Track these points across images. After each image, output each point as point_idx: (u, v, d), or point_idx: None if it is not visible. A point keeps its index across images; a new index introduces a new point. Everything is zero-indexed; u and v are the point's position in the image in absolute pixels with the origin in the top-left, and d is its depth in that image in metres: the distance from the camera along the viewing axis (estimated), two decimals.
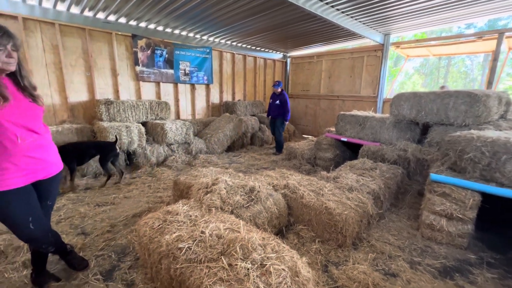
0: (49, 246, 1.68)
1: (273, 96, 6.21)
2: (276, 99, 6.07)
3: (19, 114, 1.48)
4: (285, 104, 5.91)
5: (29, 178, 1.55)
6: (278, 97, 6.03)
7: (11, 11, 4.26)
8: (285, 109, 5.93)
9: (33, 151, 1.54)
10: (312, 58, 8.42)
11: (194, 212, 2.06)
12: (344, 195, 2.58)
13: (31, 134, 1.53)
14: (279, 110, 6.00)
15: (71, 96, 5.03)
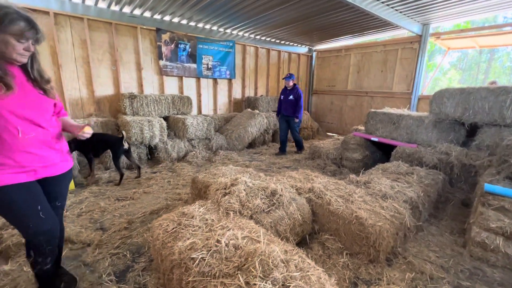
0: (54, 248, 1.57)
1: (284, 91, 5.55)
2: (288, 94, 5.41)
3: (24, 105, 1.39)
4: (299, 100, 5.28)
5: (31, 175, 1.45)
6: (291, 92, 5.38)
7: (44, 6, 4.39)
8: (298, 105, 5.30)
9: (36, 147, 1.43)
10: (340, 51, 7.95)
11: (210, 215, 1.91)
12: (377, 204, 2.29)
13: (35, 128, 1.42)
14: (293, 108, 5.35)
15: (98, 90, 5.13)
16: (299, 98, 5.29)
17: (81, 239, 2.30)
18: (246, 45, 7.11)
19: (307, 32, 6.67)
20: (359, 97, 7.62)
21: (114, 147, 3.71)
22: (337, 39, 7.50)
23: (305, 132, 7.39)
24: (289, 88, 5.42)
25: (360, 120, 7.40)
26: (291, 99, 5.37)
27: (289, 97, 5.39)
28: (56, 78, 4.68)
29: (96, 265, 2.02)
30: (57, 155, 1.55)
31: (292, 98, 5.36)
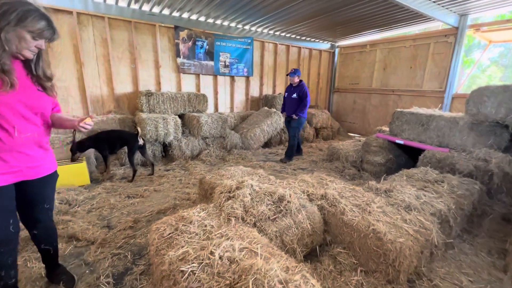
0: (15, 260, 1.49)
1: (288, 88, 5.00)
2: (292, 92, 4.86)
3: (22, 102, 1.34)
4: (304, 97, 4.70)
5: (17, 176, 1.39)
6: (296, 89, 4.81)
7: (69, 6, 4.54)
8: (302, 104, 4.72)
9: (29, 147, 1.39)
10: (365, 47, 7.48)
11: (211, 221, 1.78)
12: (399, 216, 2.02)
13: (31, 128, 1.38)
14: (297, 106, 4.79)
15: (117, 88, 5.25)
16: (304, 96, 4.71)
17: (86, 236, 2.29)
18: (264, 41, 6.93)
19: (330, 26, 6.33)
20: (385, 95, 7.12)
21: (129, 143, 3.75)
22: (361, 34, 7.06)
23: (325, 132, 7.07)
24: (294, 85, 4.86)
25: (385, 120, 6.92)
26: (295, 97, 4.81)
27: (293, 95, 4.84)
28: (78, 76, 4.84)
29: (97, 265, 1.98)
30: (45, 155, 1.50)
31: (296, 96, 4.79)
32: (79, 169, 3.50)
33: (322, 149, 5.93)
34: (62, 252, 2.10)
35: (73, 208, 2.85)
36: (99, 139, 3.59)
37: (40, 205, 1.55)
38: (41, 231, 1.62)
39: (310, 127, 6.66)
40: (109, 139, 3.65)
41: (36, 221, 1.58)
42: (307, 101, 4.71)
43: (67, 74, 4.76)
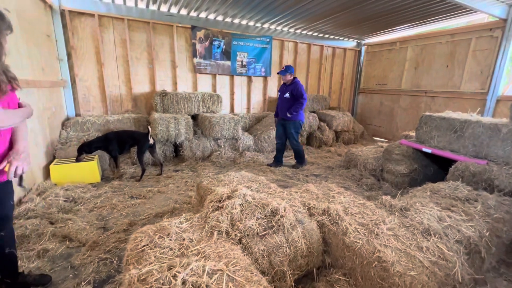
0: None
1: (281, 87, 4.45)
2: (285, 91, 4.27)
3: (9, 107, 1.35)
4: (299, 96, 4.11)
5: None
6: (288, 87, 4.23)
7: (92, 9, 4.72)
8: (298, 102, 4.13)
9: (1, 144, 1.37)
10: (394, 44, 6.89)
11: (191, 233, 1.63)
12: (414, 241, 1.70)
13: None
14: (290, 107, 4.22)
15: (135, 87, 5.37)
16: (299, 94, 4.13)
17: (79, 237, 2.28)
18: (284, 40, 6.68)
19: (356, 22, 5.90)
20: (416, 97, 6.48)
21: (139, 142, 3.78)
22: (391, 30, 6.49)
23: (346, 136, 6.62)
24: (288, 84, 4.31)
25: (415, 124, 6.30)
26: (287, 97, 4.23)
27: (285, 94, 4.26)
28: (99, 76, 5.03)
29: (82, 269, 1.94)
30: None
31: (288, 95, 4.22)
32: (90, 167, 3.58)
33: (342, 154, 5.54)
34: (53, 252, 2.10)
35: (77, 206, 2.89)
36: (108, 140, 3.64)
37: (8, 201, 1.53)
38: (8, 231, 1.58)
39: (329, 130, 6.28)
40: (118, 139, 3.69)
41: (5, 218, 1.55)
42: (303, 101, 4.14)
43: (88, 74, 4.96)
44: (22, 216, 2.46)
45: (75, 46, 4.71)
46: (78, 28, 4.69)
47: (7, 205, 1.55)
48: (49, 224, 2.45)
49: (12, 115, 1.32)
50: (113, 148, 3.64)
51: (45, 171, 3.53)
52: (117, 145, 3.68)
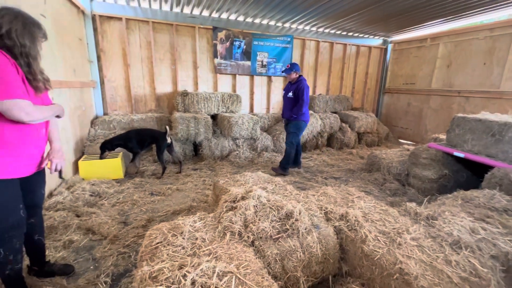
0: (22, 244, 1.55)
1: (287, 86, 4.24)
2: (289, 90, 4.06)
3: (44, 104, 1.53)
4: (301, 95, 3.83)
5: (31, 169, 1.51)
6: (293, 86, 4.00)
7: (120, 13, 4.95)
8: (298, 103, 3.86)
9: (43, 142, 1.55)
10: (424, 41, 6.48)
11: (204, 233, 1.63)
12: (441, 254, 1.56)
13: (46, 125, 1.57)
14: (293, 107, 3.97)
15: (158, 88, 5.56)
16: (300, 93, 3.84)
17: (101, 230, 2.38)
18: (305, 39, 6.55)
19: (382, 19, 5.62)
20: (448, 97, 6.04)
21: (158, 141, 3.88)
22: (421, 26, 6.10)
23: (369, 138, 6.34)
24: (293, 82, 4.06)
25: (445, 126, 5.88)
26: (290, 97, 3.98)
27: (289, 93, 4.03)
28: (125, 77, 5.27)
29: (102, 261, 2.02)
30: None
31: (291, 95, 3.97)
32: (114, 163, 3.75)
33: (364, 156, 5.31)
34: (78, 244, 2.21)
35: (101, 200, 3.04)
36: (128, 138, 3.77)
37: (39, 190, 1.66)
38: (37, 219, 1.70)
39: (351, 132, 6.05)
40: (138, 137, 3.82)
41: (36, 206, 1.67)
42: (303, 100, 3.82)
43: (116, 75, 5.21)
44: (52, 208, 2.62)
45: (104, 48, 4.97)
46: (107, 31, 4.95)
47: (38, 194, 1.67)
48: (75, 216, 2.59)
49: (43, 110, 1.44)
50: (133, 145, 3.77)
51: (74, 166, 3.75)
52: (137, 142, 3.80)
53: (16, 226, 1.46)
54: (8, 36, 1.28)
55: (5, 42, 1.28)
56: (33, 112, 1.33)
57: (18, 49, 1.31)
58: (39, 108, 1.41)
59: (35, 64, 1.39)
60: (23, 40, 1.32)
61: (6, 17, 1.29)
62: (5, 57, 1.26)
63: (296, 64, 4.01)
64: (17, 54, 1.31)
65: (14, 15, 1.32)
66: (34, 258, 1.79)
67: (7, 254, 1.45)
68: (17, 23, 1.31)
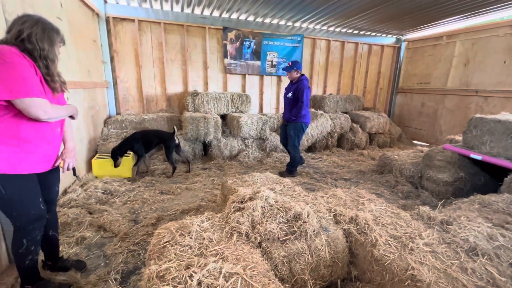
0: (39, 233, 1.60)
1: (288, 86, 4.04)
2: (289, 90, 3.87)
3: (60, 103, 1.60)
4: (300, 96, 3.65)
5: (47, 166, 1.57)
6: (293, 86, 3.81)
7: (132, 15, 5.05)
8: (298, 104, 3.70)
9: (58, 140, 1.61)
10: (440, 39, 6.27)
11: (211, 233, 1.63)
12: (456, 261, 1.50)
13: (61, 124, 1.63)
14: (292, 108, 3.80)
15: (169, 88, 5.64)
16: (300, 94, 3.65)
17: (113, 228, 2.43)
18: (316, 38, 6.48)
19: (396, 17, 5.48)
20: (465, 97, 5.83)
21: (166, 142, 3.86)
22: (437, 24, 5.90)
23: (381, 139, 6.19)
24: (294, 82, 3.86)
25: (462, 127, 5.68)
26: (290, 97, 3.81)
27: (288, 94, 3.86)
28: (137, 77, 5.37)
29: (112, 258, 2.06)
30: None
31: (291, 96, 3.79)
32: (126, 162, 3.83)
33: (376, 158, 5.19)
34: (90, 240, 2.27)
35: (112, 198, 3.10)
36: (134, 139, 3.70)
37: (53, 187, 1.72)
38: (52, 214, 1.77)
39: (362, 132, 5.93)
40: (144, 139, 3.76)
41: (51, 202, 1.73)
42: (302, 102, 3.65)
43: (128, 76, 5.33)
44: (66, 205, 2.71)
45: (117, 49, 5.09)
46: (120, 33, 5.06)
47: (53, 191, 1.74)
48: (88, 214, 2.66)
49: (59, 109, 1.51)
50: (139, 147, 3.70)
51: (88, 164, 3.86)
52: (143, 144, 3.73)
53: (37, 218, 1.53)
54: (28, 40, 1.36)
55: (26, 45, 1.36)
56: (50, 110, 1.40)
57: (37, 52, 1.39)
58: (55, 107, 1.48)
59: (53, 67, 1.47)
60: (42, 44, 1.39)
61: (27, 23, 1.37)
62: (25, 59, 1.34)
63: (297, 62, 3.83)
64: (36, 57, 1.39)
65: (35, 21, 1.40)
66: (49, 253, 1.85)
67: (29, 244, 1.52)
68: (37, 29, 1.39)
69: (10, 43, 1.35)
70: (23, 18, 1.40)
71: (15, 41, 1.35)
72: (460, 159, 3.19)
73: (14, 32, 1.36)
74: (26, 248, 1.52)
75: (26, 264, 1.55)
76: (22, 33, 1.35)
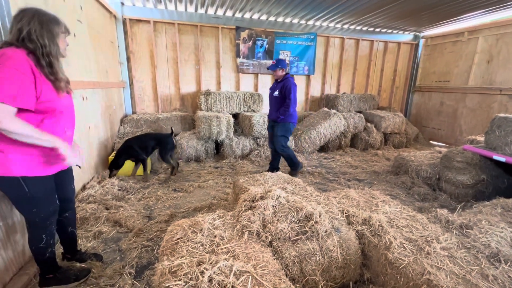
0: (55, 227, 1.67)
1: (273, 85, 3.90)
2: (275, 88, 3.75)
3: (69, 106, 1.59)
4: (288, 94, 3.53)
5: (61, 166, 1.62)
6: (279, 85, 3.68)
7: (148, 16, 5.17)
8: (285, 103, 3.57)
9: (69, 143, 1.62)
10: (461, 35, 6.01)
11: (223, 231, 1.65)
12: (476, 267, 1.43)
13: (72, 127, 1.64)
14: (280, 107, 3.66)
15: (183, 87, 5.73)
16: (287, 93, 3.54)
17: (128, 223, 2.50)
18: (330, 36, 6.37)
19: (413, 13, 5.29)
20: (488, 96, 5.55)
21: (162, 143, 3.76)
22: (458, 19, 5.65)
23: (396, 139, 6.02)
24: (279, 80, 3.73)
25: (483, 127, 5.42)
26: (276, 96, 3.67)
27: (274, 92, 3.73)
28: (152, 77, 5.50)
29: (127, 253, 2.13)
30: None
31: (277, 94, 3.66)
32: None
33: (391, 158, 5.06)
34: (106, 235, 2.35)
35: (128, 195, 3.20)
36: (129, 147, 3.57)
37: (69, 186, 1.78)
38: (71, 212, 1.84)
39: (377, 132, 5.79)
40: (138, 143, 3.62)
41: (69, 200, 1.79)
42: (290, 100, 3.52)
43: (144, 76, 5.46)
44: (84, 201, 2.81)
45: (133, 50, 5.22)
46: (136, 34, 5.19)
47: (69, 189, 1.80)
48: (104, 209, 2.75)
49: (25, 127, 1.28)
50: (138, 153, 3.59)
51: (105, 162, 3.99)
52: (140, 149, 3.59)
53: (54, 213, 1.61)
54: (29, 38, 1.29)
55: (28, 45, 1.29)
56: (6, 121, 1.20)
57: (39, 51, 1.32)
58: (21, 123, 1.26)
59: (56, 64, 1.40)
60: (43, 40, 1.32)
61: (24, 20, 1.29)
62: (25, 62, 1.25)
63: (282, 60, 3.72)
64: (39, 56, 1.32)
65: (31, 16, 1.31)
66: (68, 247, 1.94)
67: (48, 239, 1.60)
68: (34, 23, 1.30)
69: (14, 45, 1.27)
70: (19, 15, 1.30)
71: (17, 42, 1.28)
72: (481, 160, 3.05)
73: (14, 32, 1.29)
74: (45, 243, 1.59)
75: (46, 257, 1.63)
76: (22, 32, 1.28)
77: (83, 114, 3.20)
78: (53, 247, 1.68)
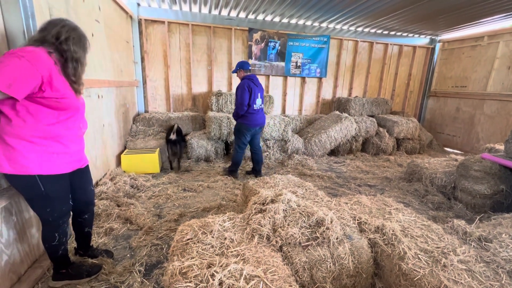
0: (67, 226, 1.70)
1: None
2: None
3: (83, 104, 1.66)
4: (236, 95, 3.57)
5: (78, 164, 1.65)
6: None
7: (162, 17, 5.25)
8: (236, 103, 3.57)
9: (82, 141, 1.67)
10: (480, 40, 5.82)
11: (232, 233, 1.64)
12: (496, 282, 1.37)
13: (85, 125, 1.69)
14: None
15: (194, 88, 5.78)
16: (236, 93, 3.56)
17: (138, 221, 2.54)
18: (343, 39, 6.30)
19: (430, 16, 5.16)
20: (508, 102, 5.35)
21: None
22: (477, 23, 5.47)
23: (409, 144, 5.87)
24: None
25: (504, 135, 5.23)
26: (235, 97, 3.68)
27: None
28: (165, 77, 5.57)
29: (137, 251, 2.15)
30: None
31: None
32: (152, 158, 3.98)
33: (403, 164, 4.94)
34: (117, 232, 2.38)
35: (139, 192, 3.24)
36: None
37: (88, 186, 1.81)
38: (90, 214, 1.88)
39: (389, 137, 5.67)
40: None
41: (89, 202, 1.83)
42: (237, 101, 3.49)
43: (157, 76, 5.54)
44: (97, 197, 2.87)
45: (147, 50, 5.31)
46: (151, 34, 5.28)
47: (89, 191, 1.83)
48: (116, 206, 2.80)
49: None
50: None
51: (117, 159, 4.07)
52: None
53: (67, 212, 1.64)
54: (66, 42, 1.44)
55: (62, 46, 1.43)
56: None
57: (70, 54, 1.46)
58: None
59: (81, 70, 1.55)
60: (77, 48, 1.49)
61: (66, 28, 1.46)
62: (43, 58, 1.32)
63: (244, 62, 3.68)
64: (68, 58, 1.45)
65: (73, 28, 1.50)
66: (82, 244, 1.98)
67: (61, 237, 1.64)
68: (75, 34, 1.49)
69: (46, 42, 1.40)
70: (62, 22, 1.47)
71: (54, 40, 1.41)
72: (501, 170, 2.93)
73: (54, 33, 1.42)
74: (58, 241, 1.63)
75: (59, 254, 1.67)
76: (61, 35, 1.43)
77: (98, 112, 3.27)
78: (66, 245, 1.72)
